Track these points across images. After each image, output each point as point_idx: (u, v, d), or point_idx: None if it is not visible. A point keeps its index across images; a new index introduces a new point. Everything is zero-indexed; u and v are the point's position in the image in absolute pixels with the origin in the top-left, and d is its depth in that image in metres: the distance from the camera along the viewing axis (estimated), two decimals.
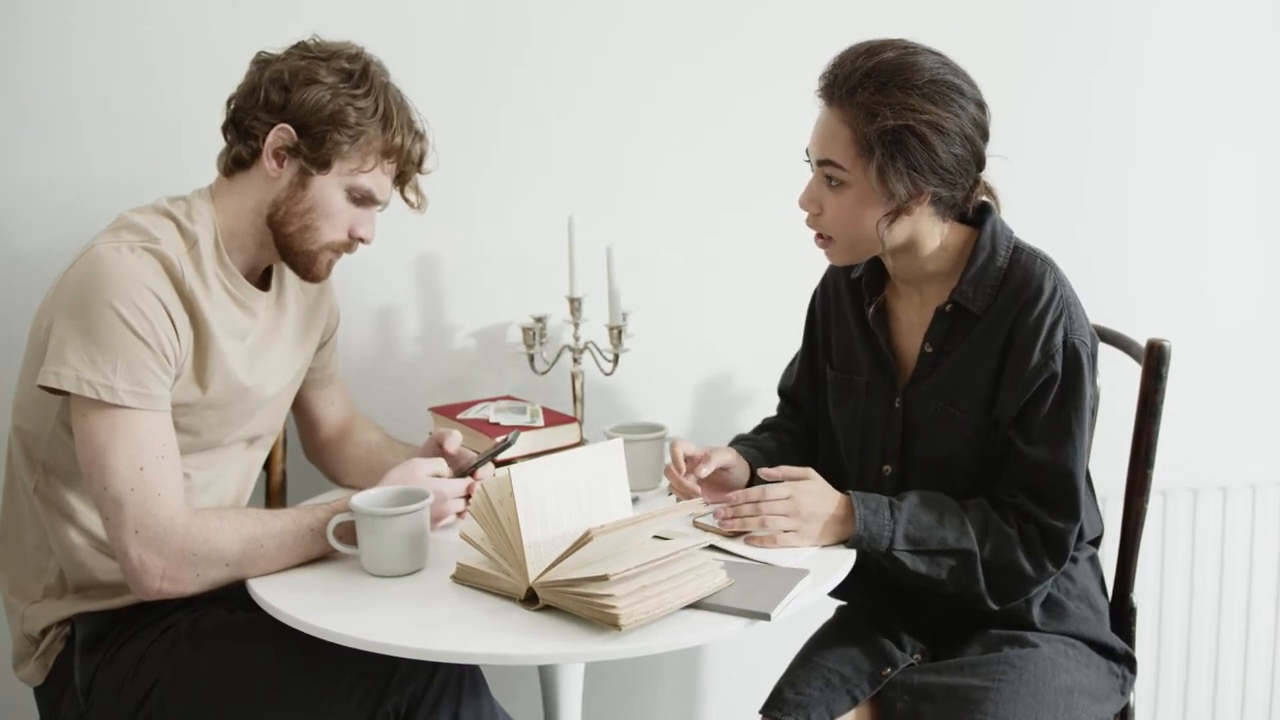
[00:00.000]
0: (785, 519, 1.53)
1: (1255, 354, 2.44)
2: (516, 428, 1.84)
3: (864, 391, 1.70)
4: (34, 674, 1.59)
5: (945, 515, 1.55)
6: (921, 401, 1.63)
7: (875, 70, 1.49)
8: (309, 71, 1.55)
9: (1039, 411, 1.53)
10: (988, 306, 1.57)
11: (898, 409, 1.65)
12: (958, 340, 1.60)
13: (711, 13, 2.15)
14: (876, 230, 1.54)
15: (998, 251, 1.58)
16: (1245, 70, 2.35)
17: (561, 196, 2.10)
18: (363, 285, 2.02)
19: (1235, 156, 2.38)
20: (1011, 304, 1.55)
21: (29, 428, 1.56)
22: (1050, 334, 1.52)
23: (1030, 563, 1.53)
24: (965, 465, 1.60)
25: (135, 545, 1.43)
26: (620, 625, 1.27)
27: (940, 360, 1.61)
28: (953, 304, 1.59)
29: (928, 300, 1.64)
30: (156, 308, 1.46)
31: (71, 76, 1.87)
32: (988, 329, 1.57)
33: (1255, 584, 2.40)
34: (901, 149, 1.48)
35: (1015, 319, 1.54)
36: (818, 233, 1.59)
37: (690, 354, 2.24)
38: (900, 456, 1.65)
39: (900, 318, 1.68)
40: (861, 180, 1.51)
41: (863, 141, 1.49)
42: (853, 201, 1.53)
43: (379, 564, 1.48)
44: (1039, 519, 1.53)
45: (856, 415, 1.71)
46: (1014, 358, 1.54)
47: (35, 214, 1.88)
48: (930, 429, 1.62)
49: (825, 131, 1.53)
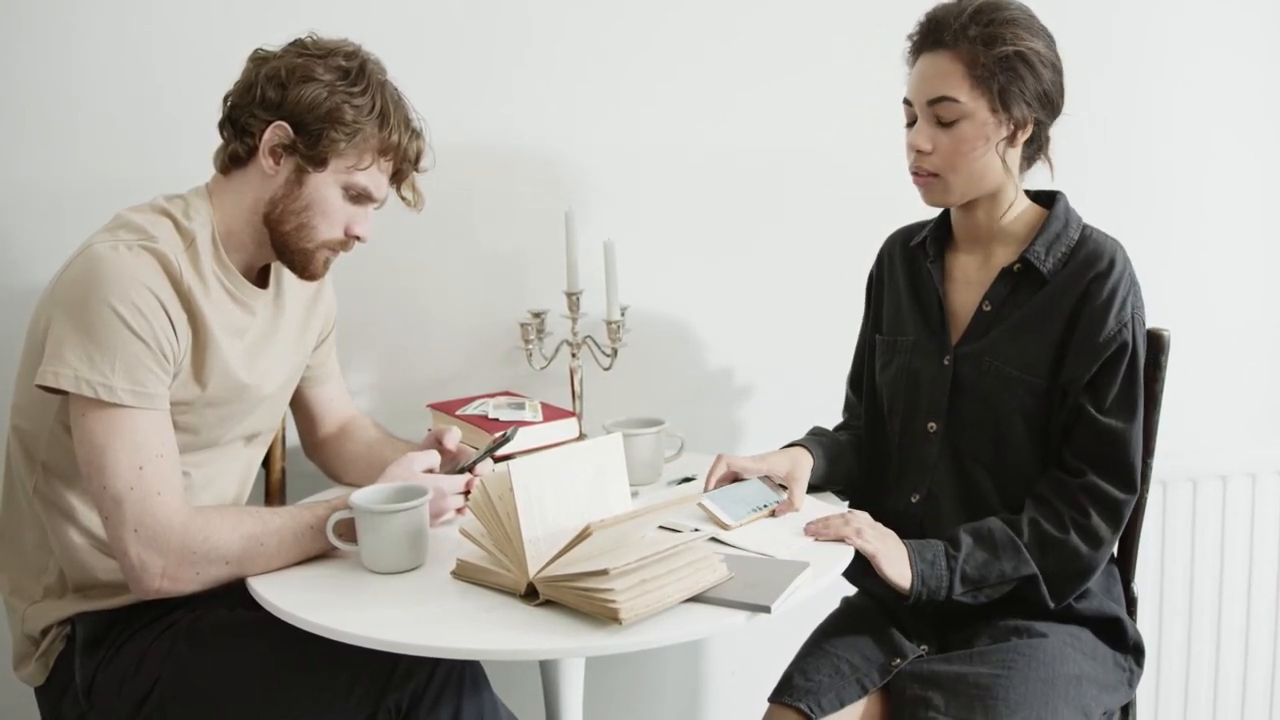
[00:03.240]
0: (870, 531, 1.58)
1: (1255, 344, 2.44)
2: (515, 423, 1.84)
3: (910, 350, 1.75)
4: (35, 674, 1.59)
5: (1000, 549, 1.58)
6: (974, 359, 1.67)
7: (980, 10, 1.59)
8: (306, 69, 1.55)
9: (1113, 381, 1.59)
10: (1057, 271, 1.63)
11: (947, 366, 1.69)
12: (1020, 301, 1.65)
13: (711, 9, 2.14)
14: (994, 157, 1.62)
15: (1070, 224, 1.66)
16: (1246, 66, 2.35)
17: (559, 191, 2.10)
18: (361, 282, 2.02)
19: (1235, 151, 2.38)
20: (1083, 272, 1.61)
21: (28, 427, 1.56)
22: (1123, 305, 1.59)
23: (1089, 550, 1.58)
24: (1013, 427, 1.64)
25: (135, 544, 1.43)
26: (621, 619, 1.27)
27: (998, 319, 1.67)
28: (1022, 263, 1.65)
29: (992, 260, 1.71)
30: (154, 306, 1.46)
31: (70, 75, 1.87)
32: (1055, 294, 1.62)
33: (1255, 572, 2.40)
34: (1017, 73, 1.59)
35: (1088, 287, 1.60)
36: (923, 172, 1.65)
37: (688, 348, 2.24)
38: (947, 415, 1.69)
39: (958, 276, 1.74)
40: (979, 109, 1.60)
41: (980, 72, 1.58)
42: (969, 133, 1.61)
43: (379, 561, 1.48)
44: (1099, 491, 1.58)
45: (901, 375, 1.76)
46: (1085, 324, 1.59)
47: (34, 212, 1.88)
48: (981, 387, 1.66)
49: (934, 73, 1.61)
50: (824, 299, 1.95)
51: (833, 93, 2.17)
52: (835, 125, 2.17)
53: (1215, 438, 2.41)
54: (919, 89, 1.64)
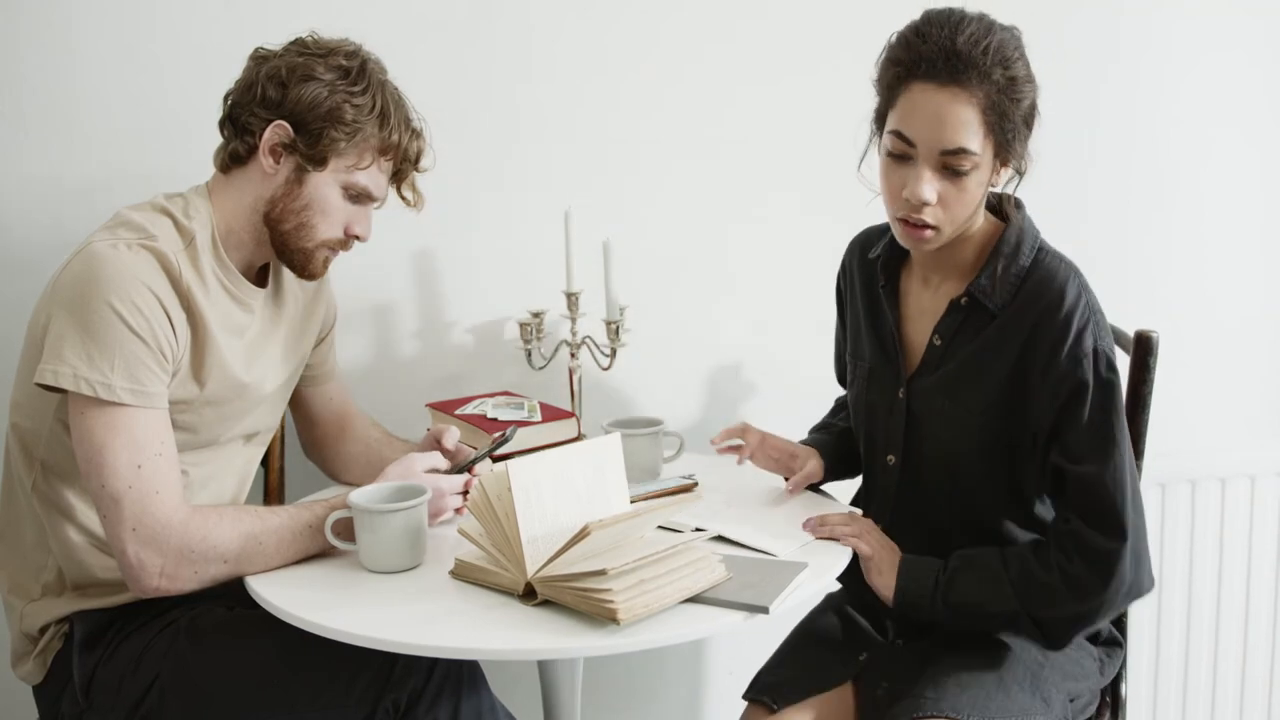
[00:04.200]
0: (871, 536, 1.57)
1: (1254, 345, 2.44)
2: (514, 423, 1.84)
3: (867, 377, 1.68)
4: (33, 672, 1.59)
5: (982, 580, 1.51)
6: (926, 396, 1.59)
7: (999, 48, 1.43)
8: (306, 68, 1.55)
9: (1076, 425, 1.47)
10: (1005, 305, 1.52)
11: (901, 399, 1.61)
12: (970, 336, 1.55)
13: (711, 10, 2.14)
14: (981, 198, 1.51)
15: (1022, 249, 1.53)
16: (1247, 67, 2.35)
17: (559, 191, 2.09)
18: (360, 281, 2.02)
19: (1236, 151, 2.38)
20: (1031, 306, 1.50)
21: (27, 425, 1.56)
22: (1078, 341, 1.46)
23: (1078, 601, 1.46)
24: (971, 464, 1.56)
25: (133, 543, 1.43)
26: (619, 619, 1.27)
27: (949, 355, 1.57)
28: (968, 297, 1.54)
29: (944, 287, 1.60)
30: (154, 305, 1.46)
31: (71, 73, 1.87)
32: (1002, 328, 1.52)
33: (1254, 574, 2.40)
34: (1028, 125, 1.48)
35: (1036, 323, 1.49)
36: (921, 224, 1.49)
37: (688, 348, 2.24)
38: (903, 449, 1.62)
39: (911, 305, 1.64)
40: (986, 158, 1.47)
41: (992, 118, 1.43)
42: (976, 183, 1.48)
43: (377, 560, 1.48)
44: (1084, 539, 1.46)
45: (860, 403, 1.69)
46: (1038, 365, 1.48)
47: (34, 210, 1.88)
48: (934, 423, 1.58)
49: (954, 118, 1.43)
50: (824, 299, 1.94)
51: (833, 93, 2.17)
52: (836, 125, 2.17)
53: (1214, 439, 2.41)
54: (931, 133, 1.44)
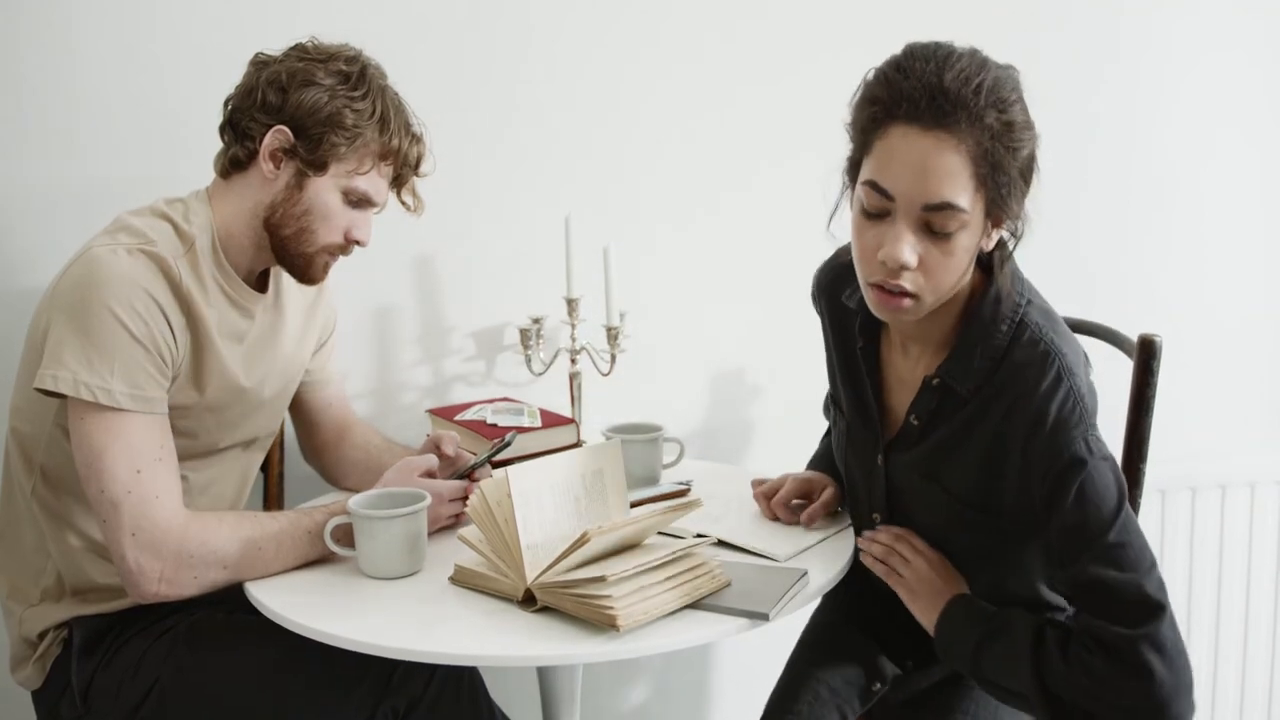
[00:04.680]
0: (903, 564, 1.46)
1: (1255, 351, 2.45)
2: (514, 429, 1.83)
3: (846, 434, 1.55)
4: (31, 677, 1.59)
5: (1010, 656, 1.33)
6: (905, 470, 1.46)
7: (994, 87, 1.23)
8: (307, 73, 1.55)
9: (1063, 523, 1.29)
10: (979, 388, 1.36)
11: (880, 466, 1.49)
12: (946, 417, 1.40)
13: (710, 16, 2.15)
14: (970, 263, 1.30)
15: (999, 323, 1.34)
16: (1247, 68, 2.36)
17: (559, 197, 2.10)
18: (360, 287, 2.02)
19: (1236, 153, 2.38)
20: (1005, 392, 1.33)
21: (26, 430, 1.56)
22: (1053, 439, 1.28)
23: (1093, 687, 1.27)
24: (956, 543, 1.45)
25: (132, 548, 1.42)
26: (618, 626, 1.27)
27: (926, 434, 1.42)
28: (940, 380, 1.39)
29: (924, 362, 1.44)
30: (153, 310, 1.46)
31: (72, 76, 1.87)
32: (977, 414, 1.36)
33: (1254, 582, 2.40)
34: (1025, 179, 1.27)
35: (1007, 413, 1.32)
36: (898, 290, 1.29)
37: (688, 354, 2.24)
38: (887, 509, 1.52)
39: (892, 374, 1.49)
40: (976, 215, 1.26)
41: (984, 170, 1.23)
42: (964, 245, 1.27)
43: (377, 566, 1.47)
44: (1099, 634, 1.26)
45: (840, 455, 1.59)
46: (1011, 458, 1.33)
47: (33, 213, 1.88)
48: (916, 498, 1.47)
49: (940, 168, 1.22)
50: None
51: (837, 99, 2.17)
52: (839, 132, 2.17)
53: (1214, 445, 2.41)
54: (913, 184, 1.23)
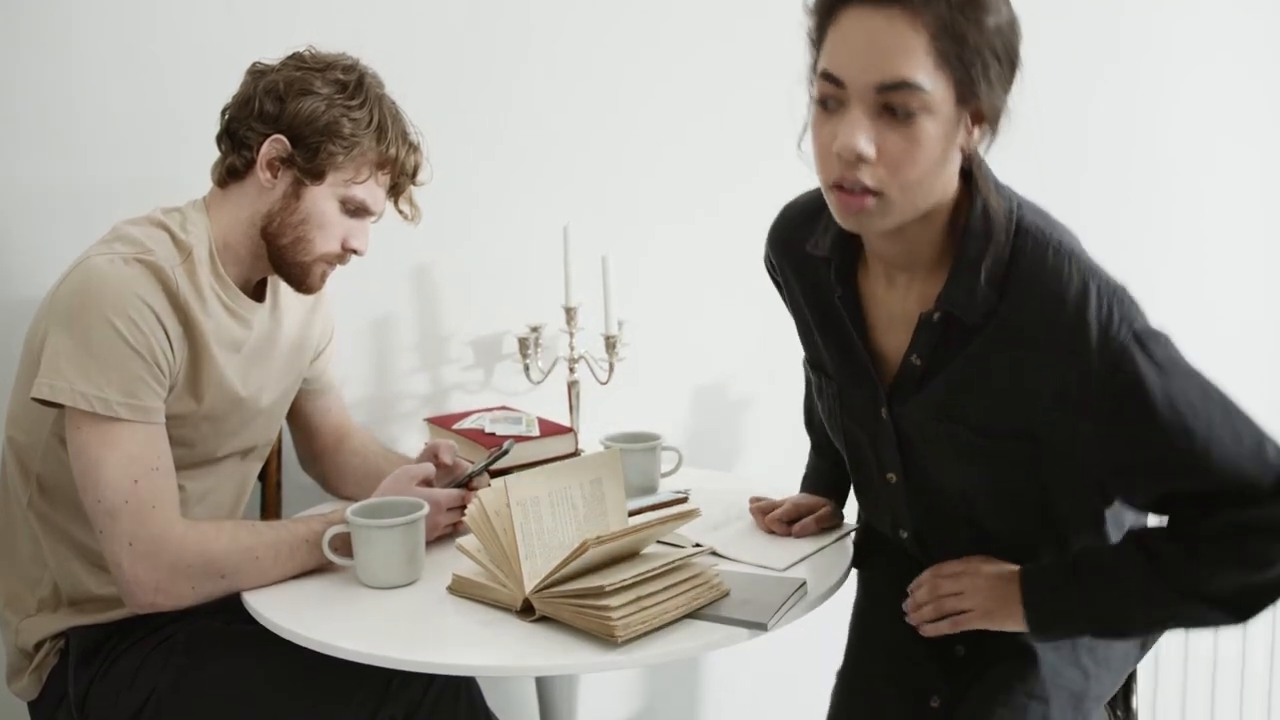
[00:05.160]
0: (956, 599, 1.34)
1: (1254, 354, 2.45)
2: (512, 438, 1.83)
3: (838, 399, 1.41)
4: (28, 688, 1.59)
5: (1129, 585, 1.24)
6: (916, 416, 1.32)
7: None
8: (304, 82, 1.55)
9: (1147, 444, 1.19)
10: (990, 315, 1.23)
11: (886, 421, 1.35)
12: (955, 349, 1.27)
13: (706, 26, 2.15)
14: (952, 166, 1.18)
15: (994, 235, 1.22)
16: (1248, 69, 2.36)
17: (557, 206, 2.10)
18: (358, 295, 2.01)
19: (1236, 153, 2.38)
20: (1026, 312, 1.21)
21: (23, 439, 1.55)
22: (1104, 343, 1.16)
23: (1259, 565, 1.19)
24: (983, 491, 1.32)
25: (129, 558, 1.42)
26: (617, 636, 1.27)
27: (933, 373, 1.29)
28: (941, 314, 1.26)
29: (913, 290, 1.30)
30: (151, 320, 1.46)
31: (71, 81, 1.87)
32: (993, 341, 1.23)
33: None
34: (995, 54, 1.15)
35: (1038, 336, 1.19)
36: (858, 188, 1.17)
37: (686, 363, 2.24)
38: (903, 468, 1.37)
39: (880, 313, 1.34)
40: (943, 99, 1.14)
41: (947, 45, 1.12)
42: (930, 134, 1.15)
43: (375, 575, 1.47)
44: (1238, 522, 1.18)
45: (835, 423, 1.44)
46: (1054, 390, 1.20)
47: (31, 221, 1.88)
48: (932, 447, 1.32)
49: (891, 43, 1.12)
50: None
51: None
52: None
53: None
54: (865, 65, 1.13)
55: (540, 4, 2.09)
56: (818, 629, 1.78)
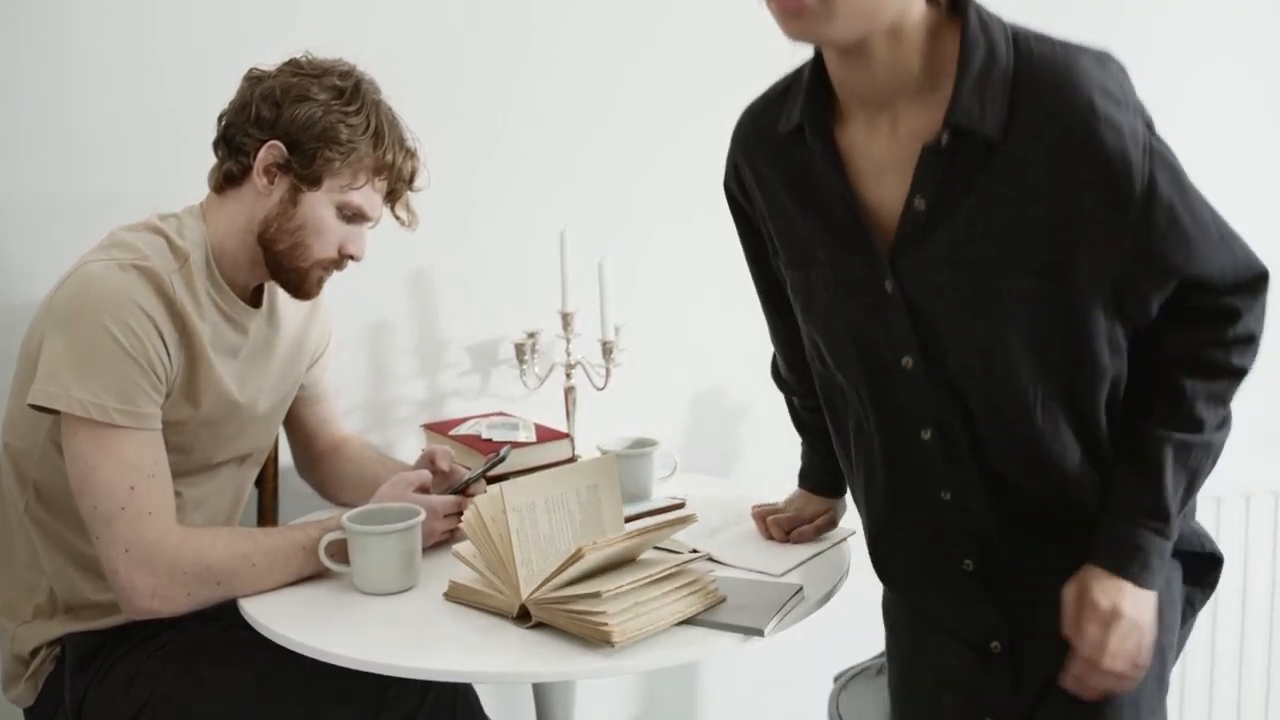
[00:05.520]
0: (1124, 659, 1.25)
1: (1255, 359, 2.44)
2: (508, 443, 1.83)
3: (830, 285, 1.28)
4: (24, 695, 1.58)
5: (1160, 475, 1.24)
6: (928, 275, 1.20)
7: None
8: (301, 88, 1.55)
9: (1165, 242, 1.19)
10: (1005, 125, 1.14)
11: (893, 292, 1.23)
12: (968, 182, 1.16)
13: (706, 27, 2.15)
14: None
15: (996, 45, 1.14)
16: (1249, 70, 2.36)
17: (554, 212, 2.10)
18: (354, 301, 2.01)
19: (1236, 153, 2.38)
20: (1041, 117, 1.13)
21: (19, 446, 1.55)
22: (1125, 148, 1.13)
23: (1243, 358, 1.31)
24: (1018, 356, 1.20)
25: (125, 564, 1.42)
26: (613, 642, 1.27)
27: (941, 215, 1.18)
28: (951, 132, 1.15)
29: (903, 124, 1.20)
30: (147, 326, 1.46)
31: (71, 83, 1.87)
32: (1016, 161, 1.14)
33: (1249, 595, 2.39)
34: None
35: (1058, 145, 1.12)
36: None
37: (683, 368, 2.23)
38: (919, 346, 1.24)
39: (862, 163, 1.23)
40: None
41: None
42: None
43: (371, 582, 1.47)
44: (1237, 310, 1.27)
45: (832, 320, 1.30)
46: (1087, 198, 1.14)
47: (27, 227, 1.88)
48: (952, 311, 1.21)
49: None
50: None
51: None
52: None
53: None
54: None
55: (539, 5, 2.09)
56: (814, 634, 1.78)
